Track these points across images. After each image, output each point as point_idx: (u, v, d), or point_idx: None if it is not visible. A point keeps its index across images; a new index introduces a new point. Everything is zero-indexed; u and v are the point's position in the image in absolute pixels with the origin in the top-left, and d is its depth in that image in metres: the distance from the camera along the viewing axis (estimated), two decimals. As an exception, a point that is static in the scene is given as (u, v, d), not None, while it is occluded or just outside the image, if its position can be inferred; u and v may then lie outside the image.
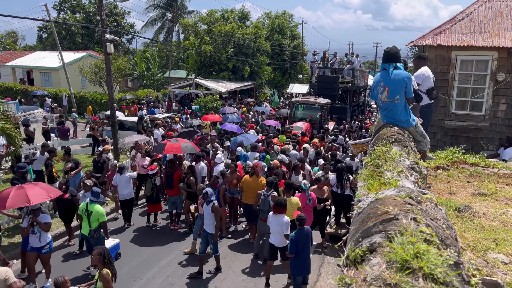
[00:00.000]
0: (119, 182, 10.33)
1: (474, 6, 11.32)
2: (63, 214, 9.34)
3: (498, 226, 3.71)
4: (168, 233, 10.24)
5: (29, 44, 57.36)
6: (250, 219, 9.82)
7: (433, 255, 1.42)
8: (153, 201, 10.55)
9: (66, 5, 45.25)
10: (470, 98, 10.98)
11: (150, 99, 30.05)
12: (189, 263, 8.72)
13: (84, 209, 7.99)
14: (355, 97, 27.38)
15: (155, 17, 43.94)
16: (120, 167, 10.48)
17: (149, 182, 10.49)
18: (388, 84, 4.29)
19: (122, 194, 10.36)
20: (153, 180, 10.47)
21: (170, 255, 9.07)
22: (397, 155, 3.26)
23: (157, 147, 11.20)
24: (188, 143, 11.16)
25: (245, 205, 9.80)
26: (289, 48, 38.74)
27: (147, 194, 10.54)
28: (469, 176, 5.58)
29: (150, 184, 10.45)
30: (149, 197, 10.53)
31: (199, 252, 8.30)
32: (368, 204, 2.16)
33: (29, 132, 15.40)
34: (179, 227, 10.54)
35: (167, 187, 10.62)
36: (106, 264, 5.74)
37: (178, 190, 10.31)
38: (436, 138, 11.05)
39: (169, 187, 10.38)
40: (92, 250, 7.88)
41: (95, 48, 37.61)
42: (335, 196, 9.65)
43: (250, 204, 9.39)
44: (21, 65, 36.42)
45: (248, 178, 9.68)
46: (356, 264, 1.60)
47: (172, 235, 10.12)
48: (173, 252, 9.18)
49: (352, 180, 9.58)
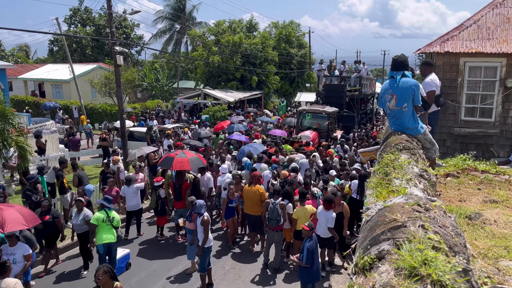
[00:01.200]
0: (127, 193, 10.38)
1: (481, 12, 11.30)
2: (45, 238, 8.64)
3: (509, 234, 3.68)
4: (177, 245, 10.14)
5: (41, 58, 58.33)
6: (253, 228, 9.79)
7: (441, 262, 1.43)
8: (159, 213, 10.45)
9: (77, 19, 46.10)
10: (479, 104, 10.91)
11: (159, 110, 30.28)
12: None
13: (105, 217, 8.03)
14: (363, 105, 27.15)
15: (164, 28, 44.58)
16: (128, 179, 10.49)
17: (154, 195, 10.38)
18: (395, 92, 4.30)
19: (130, 205, 10.43)
20: (158, 193, 10.30)
21: (179, 266, 9.04)
22: (406, 162, 3.26)
23: (164, 161, 10.91)
24: (195, 156, 10.96)
25: (246, 215, 9.74)
26: (296, 57, 38.89)
27: (152, 206, 10.49)
28: (480, 183, 5.54)
29: (155, 197, 10.33)
30: (155, 210, 10.49)
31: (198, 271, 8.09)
32: (377, 211, 2.17)
33: (41, 143, 15.59)
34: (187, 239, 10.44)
35: (174, 199, 10.39)
36: (115, 278, 5.68)
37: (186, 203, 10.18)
38: (445, 145, 10.98)
39: (177, 199, 10.21)
40: (110, 261, 7.97)
41: (105, 60, 38.19)
42: (353, 203, 9.34)
43: (251, 214, 9.41)
44: (33, 77, 37.02)
45: (247, 188, 9.58)
46: (365, 271, 1.61)
47: (181, 246, 10.01)
48: (181, 263, 9.14)
49: None
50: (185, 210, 9.92)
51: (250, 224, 9.84)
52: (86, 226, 8.43)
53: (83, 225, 8.49)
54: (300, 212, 8.34)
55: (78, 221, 8.51)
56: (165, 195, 10.39)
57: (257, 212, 9.37)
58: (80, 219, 8.48)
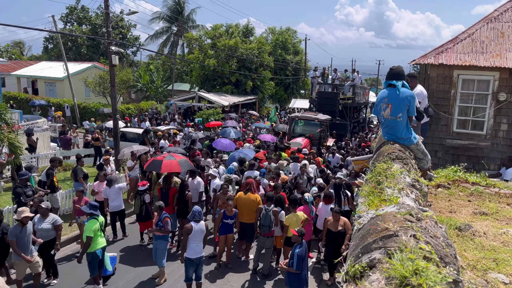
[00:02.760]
0: (109, 194, 10.24)
1: (476, 26, 11.45)
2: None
3: (498, 246, 3.70)
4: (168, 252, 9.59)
5: (35, 55, 57.95)
6: (243, 236, 9.39)
7: (432, 272, 1.43)
8: (143, 218, 9.98)
9: (73, 17, 45.96)
10: (471, 117, 11.03)
11: (153, 112, 30.16)
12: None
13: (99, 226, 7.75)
14: (356, 114, 27.21)
15: (161, 30, 44.55)
16: (108, 180, 10.30)
17: (138, 199, 10.01)
18: (391, 101, 4.32)
19: (112, 206, 10.29)
20: (143, 197, 9.92)
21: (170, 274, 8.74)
22: (398, 172, 3.28)
23: (151, 164, 10.55)
24: (183, 158, 10.61)
25: (242, 223, 9.24)
26: (292, 63, 39.05)
27: (136, 212, 10.09)
28: (470, 195, 5.58)
29: (139, 201, 9.96)
30: (139, 215, 10.04)
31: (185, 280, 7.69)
32: (369, 220, 2.17)
33: (32, 141, 15.46)
34: (173, 245, 10.09)
35: None
36: None
37: (174, 208, 9.88)
38: (437, 156, 11.06)
39: (164, 204, 9.51)
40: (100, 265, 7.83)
41: (100, 60, 38.03)
42: None
43: (245, 223, 9.12)
44: (26, 74, 36.74)
45: (243, 195, 9.25)
46: (356, 280, 1.61)
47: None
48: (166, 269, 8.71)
49: (350, 196, 9.63)
50: (172, 215, 9.68)
51: (242, 232, 9.42)
52: (53, 232, 7.95)
53: (50, 231, 7.91)
54: (291, 218, 8.32)
55: (45, 225, 7.87)
56: (150, 200, 9.98)
57: (253, 220, 9.19)
58: (47, 223, 7.89)
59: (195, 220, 7.46)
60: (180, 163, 10.15)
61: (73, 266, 8.72)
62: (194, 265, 7.52)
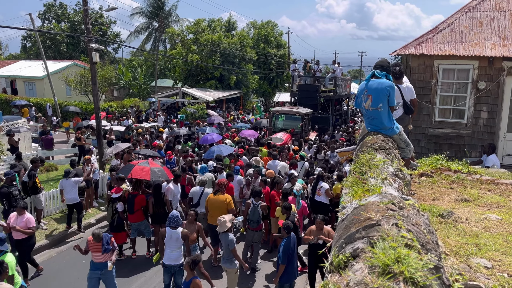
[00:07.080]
0: (65, 186, 10.45)
1: (455, 16, 11.59)
2: None
3: (480, 232, 3.78)
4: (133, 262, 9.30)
5: (13, 54, 56.61)
6: (217, 241, 8.63)
7: (413, 260, 1.45)
8: (115, 229, 9.19)
9: (51, 14, 44.99)
10: (452, 106, 11.19)
11: (135, 110, 29.72)
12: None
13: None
14: (338, 106, 26.60)
15: (142, 26, 43.98)
16: (66, 171, 10.63)
17: (110, 208, 9.40)
18: (371, 93, 4.35)
19: (67, 198, 10.52)
20: (115, 206, 9.23)
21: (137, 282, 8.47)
22: (381, 162, 3.31)
23: (124, 169, 10.23)
24: (159, 167, 10.02)
25: (209, 226, 8.89)
26: (275, 57, 39.00)
27: (108, 221, 9.61)
28: (452, 182, 5.67)
29: (111, 210, 9.33)
30: (111, 225, 9.37)
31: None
32: (352, 210, 2.19)
33: (13, 141, 15.15)
34: (150, 254, 9.49)
35: (128, 212, 9.41)
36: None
37: (141, 216, 9.42)
38: (420, 145, 11.21)
39: (130, 212, 9.33)
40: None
41: (80, 57, 37.38)
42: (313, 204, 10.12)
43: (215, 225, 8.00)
44: (4, 74, 35.91)
45: (212, 197, 8.78)
46: (340, 269, 1.62)
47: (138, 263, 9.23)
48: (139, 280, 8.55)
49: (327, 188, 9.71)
50: (140, 224, 9.44)
51: (214, 237, 8.85)
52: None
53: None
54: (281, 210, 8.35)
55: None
56: (123, 208, 9.32)
57: None
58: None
59: (171, 226, 7.22)
60: (152, 171, 9.52)
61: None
62: (169, 272, 7.29)
